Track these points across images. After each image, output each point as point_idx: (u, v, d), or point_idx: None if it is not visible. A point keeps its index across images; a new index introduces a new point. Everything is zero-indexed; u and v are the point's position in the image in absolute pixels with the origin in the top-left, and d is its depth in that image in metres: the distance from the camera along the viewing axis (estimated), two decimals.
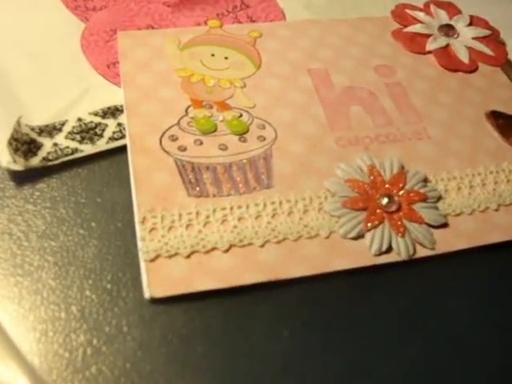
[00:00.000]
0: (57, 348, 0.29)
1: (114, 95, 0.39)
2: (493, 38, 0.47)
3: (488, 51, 0.46)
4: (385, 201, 0.34)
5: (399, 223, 0.34)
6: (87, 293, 0.31)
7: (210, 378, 0.29)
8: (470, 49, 0.45)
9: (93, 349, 0.29)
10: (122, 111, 0.38)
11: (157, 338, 0.30)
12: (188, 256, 0.31)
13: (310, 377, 0.29)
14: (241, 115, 0.38)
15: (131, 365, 0.29)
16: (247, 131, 0.37)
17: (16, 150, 0.34)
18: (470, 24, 0.47)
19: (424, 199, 0.35)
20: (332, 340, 0.31)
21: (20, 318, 0.30)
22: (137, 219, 0.32)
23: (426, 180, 0.36)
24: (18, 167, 0.34)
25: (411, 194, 0.35)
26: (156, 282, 0.30)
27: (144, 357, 0.29)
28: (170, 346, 0.30)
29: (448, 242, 0.35)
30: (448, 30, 0.46)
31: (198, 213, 0.33)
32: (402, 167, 0.37)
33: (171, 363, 0.29)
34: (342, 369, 0.30)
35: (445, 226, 0.35)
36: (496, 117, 0.41)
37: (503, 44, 0.47)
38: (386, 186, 0.35)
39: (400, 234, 0.33)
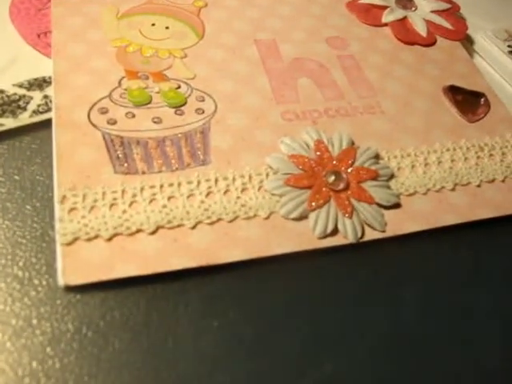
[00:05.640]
0: None
1: (42, 66, 0.34)
2: (452, 11, 0.42)
3: (447, 25, 0.41)
4: (331, 178, 0.29)
5: (347, 203, 0.29)
6: None
7: (128, 378, 0.24)
8: (428, 22, 0.41)
9: None
10: (49, 83, 0.33)
11: (69, 332, 0.25)
12: (109, 239, 0.26)
13: (241, 375, 0.24)
14: (179, 87, 0.33)
15: (38, 363, 0.24)
16: (185, 103, 0.32)
17: None
18: None
19: (375, 177, 0.30)
20: (266, 332, 0.26)
21: None
22: (56, 198, 0.27)
23: (377, 157, 0.32)
24: None
25: (361, 172, 0.30)
26: (72, 267, 0.25)
27: (54, 353, 0.24)
28: (84, 341, 0.24)
29: (400, 223, 0.30)
30: (406, 2, 0.41)
31: (123, 191, 0.28)
32: (352, 143, 0.32)
33: (84, 360, 0.24)
34: (276, 365, 0.25)
35: (397, 206, 0.31)
36: (454, 92, 0.36)
37: (463, 18, 0.42)
38: (334, 162, 0.30)
39: (347, 215, 0.29)
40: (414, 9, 0.41)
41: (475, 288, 0.30)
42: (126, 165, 0.29)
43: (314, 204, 0.29)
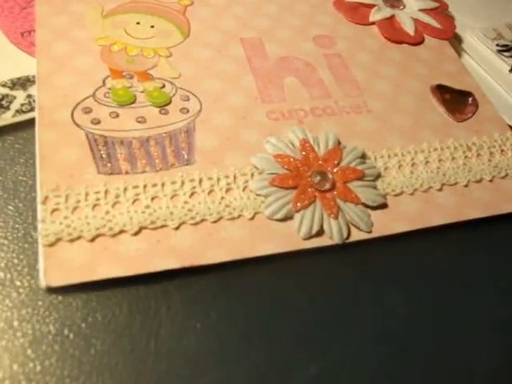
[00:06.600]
0: None
1: (26, 65, 0.34)
2: (441, 10, 0.42)
3: (435, 24, 0.41)
4: (317, 178, 0.29)
5: (332, 203, 0.29)
6: None
7: (110, 380, 0.24)
8: (416, 21, 0.41)
9: None
10: (33, 82, 0.33)
11: (51, 334, 0.25)
12: (92, 240, 0.26)
13: (224, 377, 0.24)
14: (163, 86, 0.33)
15: (19, 365, 0.24)
16: (169, 103, 0.32)
17: None
18: None
19: (361, 177, 0.30)
20: (250, 334, 0.26)
21: None
22: (38, 199, 0.27)
23: (364, 156, 0.32)
24: None
25: (347, 172, 0.30)
26: (54, 268, 0.25)
27: (35, 356, 0.24)
28: (66, 343, 0.24)
29: (386, 224, 0.30)
30: (394, 1, 0.41)
31: (106, 191, 0.28)
32: (339, 142, 0.32)
33: (65, 363, 0.24)
34: (261, 367, 0.25)
35: (383, 206, 0.31)
36: (442, 91, 0.37)
37: (451, 17, 0.42)
38: (320, 162, 0.30)
39: (333, 216, 0.29)
40: (401, 7, 0.41)
41: (464, 288, 0.30)
42: (109, 165, 0.29)
43: (299, 204, 0.29)
